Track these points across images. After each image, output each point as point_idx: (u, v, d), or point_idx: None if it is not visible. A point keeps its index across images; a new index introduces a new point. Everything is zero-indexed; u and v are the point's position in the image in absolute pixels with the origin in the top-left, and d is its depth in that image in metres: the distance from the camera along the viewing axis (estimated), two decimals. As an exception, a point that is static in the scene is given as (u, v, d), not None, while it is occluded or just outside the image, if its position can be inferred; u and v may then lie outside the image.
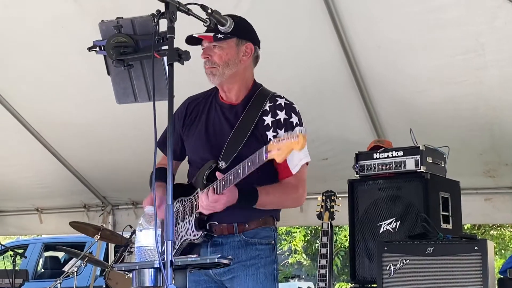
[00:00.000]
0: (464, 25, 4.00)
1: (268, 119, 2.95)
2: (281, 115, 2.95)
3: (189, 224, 2.96)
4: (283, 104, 2.99)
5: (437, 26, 4.06)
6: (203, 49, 2.97)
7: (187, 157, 3.19)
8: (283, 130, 2.92)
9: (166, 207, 2.21)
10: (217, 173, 2.86)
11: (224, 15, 2.78)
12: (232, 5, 4.06)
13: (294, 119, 2.97)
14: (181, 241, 2.98)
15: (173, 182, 2.44)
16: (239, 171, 2.76)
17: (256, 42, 3.05)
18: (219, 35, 2.90)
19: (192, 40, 2.93)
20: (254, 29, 3.05)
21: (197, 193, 2.98)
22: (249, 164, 2.73)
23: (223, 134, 2.99)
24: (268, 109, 2.97)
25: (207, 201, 2.82)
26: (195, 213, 2.94)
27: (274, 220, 3.08)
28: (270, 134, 2.93)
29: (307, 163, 3.00)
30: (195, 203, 2.96)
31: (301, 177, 3.00)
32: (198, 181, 2.99)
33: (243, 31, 2.94)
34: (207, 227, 2.95)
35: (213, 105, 3.09)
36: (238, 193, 2.84)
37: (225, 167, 2.89)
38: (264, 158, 2.65)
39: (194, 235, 2.93)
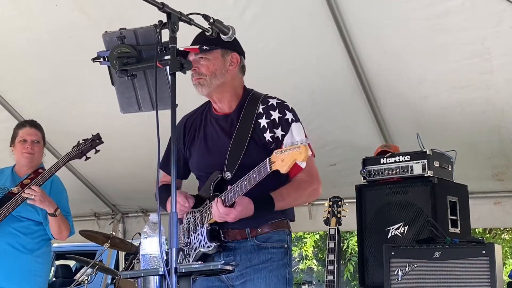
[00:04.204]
0: (470, 30, 3.99)
1: (263, 121, 2.98)
2: (275, 115, 2.98)
3: (202, 236, 2.98)
4: (275, 103, 3.01)
5: (442, 31, 4.06)
6: None
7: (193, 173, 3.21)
8: (279, 128, 2.95)
9: (170, 215, 2.23)
10: (229, 187, 2.87)
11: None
12: (237, 14, 4.09)
13: (289, 116, 2.99)
14: (195, 252, 3.00)
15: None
16: (245, 182, 2.79)
17: (241, 52, 3.06)
18: (204, 47, 2.93)
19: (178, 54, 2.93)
20: (238, 40, 3.02)
21: (206, 204, 3.00)
22: (254, 175, 2.75)
23: (222, 145, 3.01)
24: (262, 112, 3.00)
25: (218, 213, 2.86)
26: (206, 225, 2.97)
27: (287, 223, 3.09)
28: (267, 135, 2.96)
29: (313, 155, 2.99)
30: (205, 214, 2.99)
31: (311, 170, 3.01)
32: (205, 192, 3.02)
33: (226, 41, 2.79)
34: (221, 238, 2.96)
35: (208, 118, 3.12)
36: (254, 205, 2.87)
37: (231, 177, 2.92)
38: (269, 170, 2.68)
39: (208, 247, 2.95)
